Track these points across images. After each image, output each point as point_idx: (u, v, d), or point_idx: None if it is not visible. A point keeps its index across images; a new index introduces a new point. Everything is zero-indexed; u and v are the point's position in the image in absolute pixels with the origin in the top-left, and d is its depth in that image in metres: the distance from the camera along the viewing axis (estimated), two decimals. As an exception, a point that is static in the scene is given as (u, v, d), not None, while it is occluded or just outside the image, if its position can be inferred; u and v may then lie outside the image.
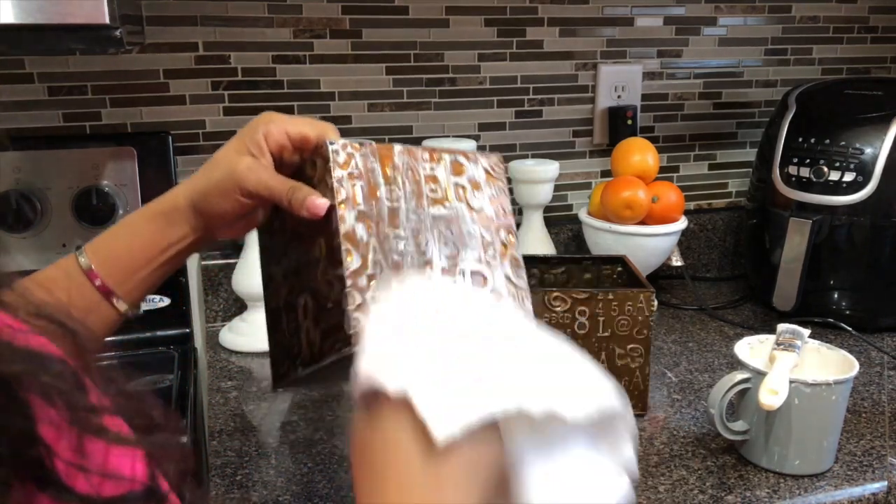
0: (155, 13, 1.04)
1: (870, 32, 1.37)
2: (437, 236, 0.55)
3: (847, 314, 1.07)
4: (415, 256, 0.53)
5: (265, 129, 0.57)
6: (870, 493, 0.72)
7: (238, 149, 0.57)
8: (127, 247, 0.59)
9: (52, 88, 1.02)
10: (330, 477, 0.73)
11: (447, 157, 0.58)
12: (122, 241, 0.60)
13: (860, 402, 0.88)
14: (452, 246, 0.55)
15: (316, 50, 1.11)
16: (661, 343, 1.04)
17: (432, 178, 0.57)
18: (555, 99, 1.24)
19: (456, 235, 0.56)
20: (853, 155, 1.03)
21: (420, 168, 0.56)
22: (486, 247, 0.57)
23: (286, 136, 0.57)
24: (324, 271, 0.53)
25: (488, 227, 0.57)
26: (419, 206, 0.55)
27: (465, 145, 1.08)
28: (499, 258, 0.57)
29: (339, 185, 0.53)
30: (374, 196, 0.54)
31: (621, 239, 1.11)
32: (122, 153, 1.01)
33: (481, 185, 0.58)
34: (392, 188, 0.55)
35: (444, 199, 0.56)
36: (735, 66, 1.32)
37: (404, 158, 0.56)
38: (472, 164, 0.59)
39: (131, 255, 0.59)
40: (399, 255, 0.53)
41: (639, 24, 1.25)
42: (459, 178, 0.58)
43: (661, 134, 1.31)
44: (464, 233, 0.56)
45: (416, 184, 0.56)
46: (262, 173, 0.56)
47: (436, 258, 0.54)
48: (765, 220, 1.14)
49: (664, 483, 0.72)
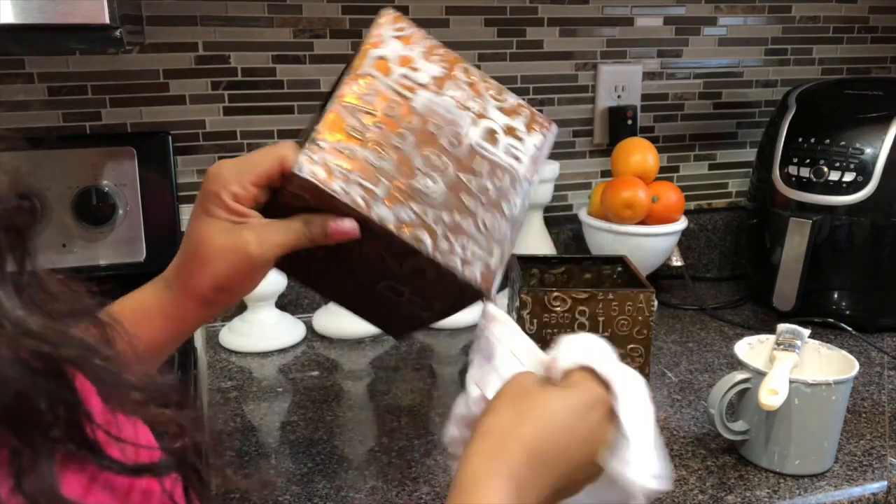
0: (155, 13, 1.04)
1: (870, 32, 1.37)
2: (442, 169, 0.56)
3: (847, 314, 1.07)
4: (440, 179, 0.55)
5: (229, 193, 0.53)
6: (870, 493, 0.72)
7: (226, 229, 0.53)
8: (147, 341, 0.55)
9: (51, 88, 1.02)
10: (330, 477, 0.73)
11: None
12: (144, 335, 0.55)
13: (860, 402, 0.88)
14: (450, 134, 0.56)
15: (316, 50, 1.11)
16: (662, 343, 1.04)
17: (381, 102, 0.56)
18: (555, 99, 1.24)
19: (446, 123, 0.57)
20: (853, 155, 1.03)
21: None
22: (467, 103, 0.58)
23: (251, 186, 0.53)
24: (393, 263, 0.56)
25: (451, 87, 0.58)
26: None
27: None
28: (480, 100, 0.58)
29: (340, 188, 0.52)
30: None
31: (621, 239, 1.11)
32: (121, 153, 1.01)
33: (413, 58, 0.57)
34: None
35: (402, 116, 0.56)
36: (735, 66, 1.32)
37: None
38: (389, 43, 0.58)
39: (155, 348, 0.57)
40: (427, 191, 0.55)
41: (639, 24, 1.25)
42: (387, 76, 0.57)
43: (661, 134, 1.31)
44: (447, 116, 0.57)
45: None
46: (268, 237, 0.53)
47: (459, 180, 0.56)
48: (765, 220, 1.14)
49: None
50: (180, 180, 1.09)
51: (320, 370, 0.97)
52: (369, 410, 0.87)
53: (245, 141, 1.11)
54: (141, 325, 0.54)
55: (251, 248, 0.52)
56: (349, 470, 0.75)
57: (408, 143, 0.55)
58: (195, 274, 0.54)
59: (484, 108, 0.58)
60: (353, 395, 0.91)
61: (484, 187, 0.57)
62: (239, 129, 1.11)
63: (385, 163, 0.54)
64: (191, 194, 1.11)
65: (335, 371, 0.97)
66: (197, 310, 0.56)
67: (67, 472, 0.29)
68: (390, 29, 0.57)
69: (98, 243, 1.01)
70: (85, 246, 1.00)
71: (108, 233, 1.01)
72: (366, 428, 0.83)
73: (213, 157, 1.10)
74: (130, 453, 0.32)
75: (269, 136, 1.12)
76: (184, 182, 1.10)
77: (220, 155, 1.11)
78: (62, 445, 0.29)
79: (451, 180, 0.55)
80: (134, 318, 0.54)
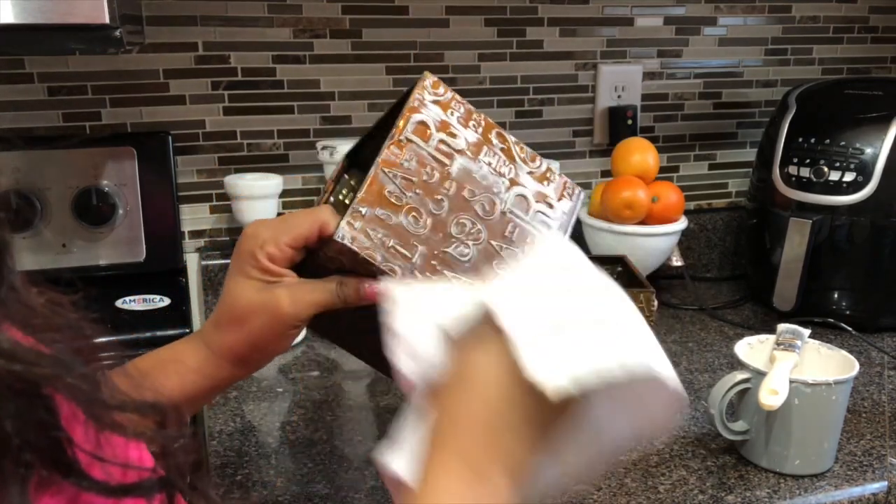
0: (155, 13, 1.04)
1: (870, 32, 1.37)
2: (470, 214, 0.57)
3: (847, 314, 1.07)
4: (471, 245, 0.56)
5: (264, 254, 0.54)
6: (870, 493, 0.72)
7: (257, 287, 0.54)
8: (180, 393, 0.56)
9: (51, 88, 1.02)
10: (330, 477, 0.73)
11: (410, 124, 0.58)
12: (176, 388, 0.56)
13: (860, 402, 0.88)
14: (484, 202, 0.58)
15: (316, 50, 1.11)
16: (661, 343, 1.03)
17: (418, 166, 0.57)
18: (555, 99, 1.24)
19: (481, 189, 0.58)
20: (853, 155, 1.03)
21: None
22: (501, 168, 0.59)
23: (287, 248, 0.54)
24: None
25: (485, 151, 0.59)
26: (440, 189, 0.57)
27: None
28: (512, 165, 0.59)
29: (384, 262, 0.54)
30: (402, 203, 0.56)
31: (621, 239, 1.11)
32: (121, 153, 1.01)
33: (450, 123, 0.59)
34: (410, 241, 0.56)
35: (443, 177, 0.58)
36: (735, 66, 1.32)
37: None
38: (426, 109, 0.59)
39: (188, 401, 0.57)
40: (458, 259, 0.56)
41: (639, 24, 1.25)
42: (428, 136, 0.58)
43: (661, 134, 1.31)
44: (482, 182, 0.58)
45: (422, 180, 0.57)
46: (302, 296, 0.54)
47: (493, 228, 0.57)
48: (765, 220, 1.14)
49: (664, 483, 0.72)
50: (180, 180, 1.09)
51: (320, 370, 0.97)
52: (369, 410, 0.87)
53: (245, 141, 1.11)
54: (174, 377, 0.56)
55: (284, 307, 0.53)
56: (349, 470, 0.75)
57: (444, 210, 0.57)
58: (230, 331, 0.55)
59: (517, 175, 0.60)
60: (353, 396, 0.91)
61: (514, 254, 0.58)
62: (239, 129, 1.11)
63: (421, 229, 0.56)
64: (191, 194, 1.11)
65: (335, 371, 0.97)
66: (231, 369, 0.57)
67: (45, 496, 0.28)
68: (430, 93, 0.58)
69: (98, 243, 1.01)
70: (85, 246, 1.00)
71: (108, 233, 1.01)
72: (366, 428, 0.83)
73: (213, 156, 1.11)
74: (117, 474, 0.31)
75: (269, 136, 1.12)
76: (184, 182, 1.10)
77: (220, 155, 1.11)
78: (37, 468, 0.28)
79: (484, 247, 0.58)
80: (167, 371, 0.56)
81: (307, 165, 1.15)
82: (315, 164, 1.13)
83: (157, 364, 0.57)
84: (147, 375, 0.55)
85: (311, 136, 1.14)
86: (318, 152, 1.04)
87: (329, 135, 1.14)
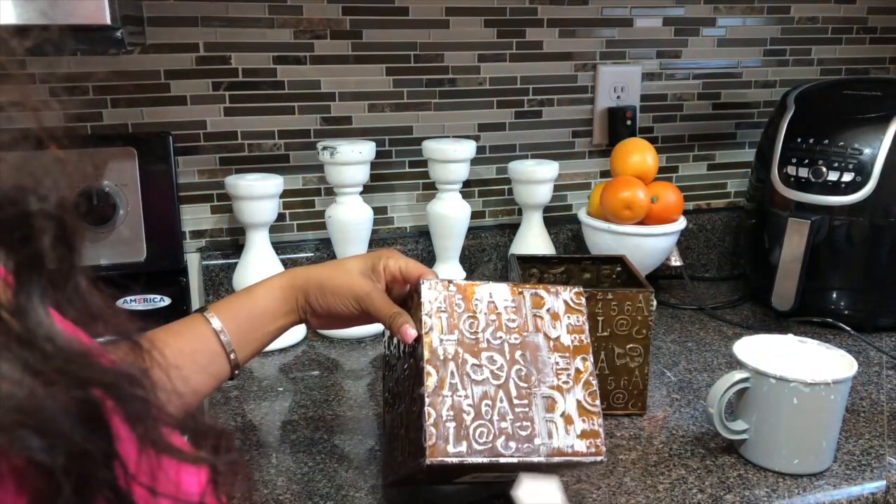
0: (156, 14, 1.04)
1: (868, 33, 1.38)
2: (510, 362, 0.61)
3: (846, 314, 1.07)
4: (490, 380, 0.60)
5: (385, 262, 0.69)
6: (868, 493, 0.72)
7: (363, 270, 0.69)
8: (248, 313, 0.67)
9: (52, 88, 1.02)
10: (330, 477, 0.74)
11: (527, 292, 0.65)
12: (245, 307, 0.68)
13: (859, 401, 0.88)
14: (526, 371, 0.61)
15: (316, 51, 1.11)
16: (661, 343, 1.04)
17: (514, 309, 0.63)
18: (554, 99, 1.24)
19: (530, 362, 0.61)
20: (852, 155, 1.03)
21: (501, 301, 0.63)
22: (560, 373, 0.62)
23: (399, 271, 0.69)
24: (412, 387, 0.62)
25: (564, 354, 0.63)
26: (496, 334, 0.62)
27: (465, 146, 1.08)
28: (572, 383, 0.62)
29: (427, 318, 0.61)
30: (455, 327, 0.61)
31: (620, 239, 1.12)
32: (122, 153, 1.01)
33: (560, 315, 0.64)
34: (473, 320, 0.62)
35: (521, 328, 0.63)
36: (734, 67, 1.32)
37: (487, 292, 0.63)
38: (553, 296, 0.65)
39: (251, 320, 0.67)
40: (475, 379, 0.59)
41: (638, 25, 1.25)
42: (539, 310, 0.64)
43: (661, 134, 1.32)
44: (538, 360, 0.62)
45: (496, 315, 0.63)
46: (375, 296, 0.67)
47: (511, 385, 0.60)
48: (764, 220, 1.14)
49: (663, 482, 0.72)
50: (181, 180, 1.09)
51: (321, 370, 0.97)
52: (369, 410, 0.87)
53: (246, 141, 1.12)
54: (259, 326, 0.68)
55: (360, 284, 0.67)
56: (349, 469, 0.75)
57: (484, 335, 0.63)
58: (326, 286, 0.68)
59: (568, 392, 0.63)
60: (354, 395, 0.91)
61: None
62: (240, 129, 1.11)
63: (465, 336, 0.62)
64: (192, 194, 1.11)
65: (335, 370, 0.97)
66: (294, 319, 0.70)
67: None
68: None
69: (98, 243, 1.01)
70: (85, 246, 1.00)
71: (108, 233, 1.01)
72: (366, 427, 0.83)
73: (214, 157, 1.11)
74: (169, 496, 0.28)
75: (270, 137, 1.13)
76: (184, 182, 1.10)
77: (221, 155, 1.11)
78: (95, 495, 0.25)
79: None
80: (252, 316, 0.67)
81: (308, 166, 1.15)
82: (315, 165, 1.13)
83: (232, 298, 0.68)
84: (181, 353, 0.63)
85: (312, 137, 1.14)
86: (319, 153, 1.05)
87: (329, 135, 1.15)
